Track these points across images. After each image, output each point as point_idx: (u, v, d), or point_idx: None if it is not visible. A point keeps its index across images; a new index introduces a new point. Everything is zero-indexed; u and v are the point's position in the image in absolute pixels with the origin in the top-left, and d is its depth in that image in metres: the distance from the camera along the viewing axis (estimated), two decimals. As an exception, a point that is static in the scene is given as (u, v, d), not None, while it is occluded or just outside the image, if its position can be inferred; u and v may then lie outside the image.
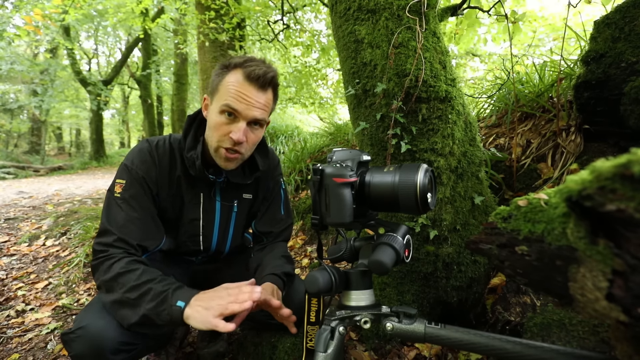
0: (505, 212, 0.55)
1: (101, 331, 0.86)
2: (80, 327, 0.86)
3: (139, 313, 0.83)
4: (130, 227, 0.95)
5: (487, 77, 5.04)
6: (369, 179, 0.70)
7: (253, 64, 0.95)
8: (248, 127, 0.97)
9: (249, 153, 1.04)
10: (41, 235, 3.05)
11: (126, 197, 0.97)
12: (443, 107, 1.17)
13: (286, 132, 4.67)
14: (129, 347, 0.90)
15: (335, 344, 0.68)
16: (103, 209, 0.99)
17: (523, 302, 1.09)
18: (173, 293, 0.84)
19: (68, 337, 0.87)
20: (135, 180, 0.99)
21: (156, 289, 0.85)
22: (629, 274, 0.34)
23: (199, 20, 4.43)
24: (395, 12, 1.18)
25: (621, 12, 1.25)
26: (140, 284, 0.86)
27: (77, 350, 0.85)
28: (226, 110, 0.94)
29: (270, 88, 0.98)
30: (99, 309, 0.91)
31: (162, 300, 0.83)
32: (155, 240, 1.01)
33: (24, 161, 11.37)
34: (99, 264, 0.91)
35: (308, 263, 2.07)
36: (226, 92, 0.94)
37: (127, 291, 0.85)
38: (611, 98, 1.24)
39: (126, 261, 0.89)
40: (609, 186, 0.33)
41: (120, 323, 0.87)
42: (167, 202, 1.05)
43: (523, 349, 0.56)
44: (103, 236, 0.93)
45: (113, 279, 0.87)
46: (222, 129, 0.95)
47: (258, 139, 1.02)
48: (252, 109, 0.94)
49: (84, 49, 14.80)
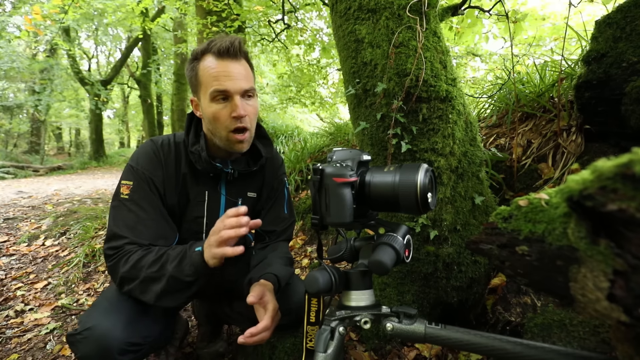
0: (506, 212, 0.55)
1: (108, 332, 0.86)
2: (87, 328, 0.86)
3: (165, 278, 0.86)
4: (140, 229, 0.95)
5: (487, 77, 5.04)
6: (369, 178, 0.69)
7: (217, 41, 0.95)
8: (243, 100, 0.96)
9: (254, 127, 1.04)
10: (40, 235, 3.04)
11: (134, 199, 0.97)
12: (443, 107, 1.17)
13: (286, 132, 4.67)
14: (135, 348, 0.91)
15: (335, 344, 0.67)
16: (110, 212, 0.98)
17: (523, 302, 1.09)
18: (190, 247, 0.88)
19: (74, 338, 0.87)
20: (143, 180, 0.99)
21: (175, 251, 0.89)
22: (630, 274, 0.34)
23: (200, 24, 4.44)
24: (395, 12, 1.18)
25: (622, 11, 1.25)
26: (158, 257, 0.89)
27: (84, 351, 0.85)
28: (217, 96, 0.94)
29: (242, 57, 0.98)
30: (105, 310, 0.91)
31: (182, 256, 0.87)
32: (169, 238, 1.02)
33: (23, 161, 11.36)
34: (115, 264, 0.91)
35: (308, 263, 2.07)
36: (208, 79, 0.94)
37: (148, 267, 0.87)
38: (612, 98, 1.24)
39: (141, 250, 0.92)
40: (610, 186, 0.33)
41: (148, 301, 0.89)
42: (173, 201, 1.05)
43: (523, 349, 0.56)
44: (113, 240, 0.93)
45: (132, 267, 0.89)
46: (222, 115, 0.95)
47: (256, 110, 1.03)
48: (238, 81, 0.94)
49: (83, 49, 14.80)
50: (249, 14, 4.46)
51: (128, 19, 7.37)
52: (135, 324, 0.92)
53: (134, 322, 0.92)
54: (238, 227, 0.81)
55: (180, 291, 0.88)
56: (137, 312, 0.94)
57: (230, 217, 0.83)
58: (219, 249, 0.81)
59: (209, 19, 4.27)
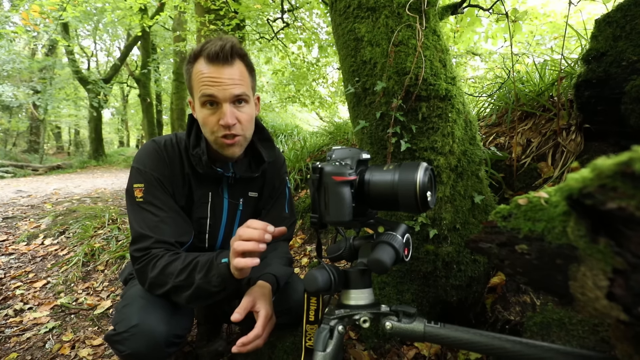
0: (505, 211, 0.55)
1: (155, 327, 0.89)
2: (133, 326, 0.88)
3: (193, 287, 0.86)
4: (163, 227, 0.95)
5: (487, 76, 5.03)
6: (368, 177, 0.69)
7: (209, 44, 0.92)
8: (233, 107, 0.94)
9: (249, 132, 1.02)
10: (40, 234, 3.04)
11: (150, 200, 0.97)
12: (443, 106, 1.17)
13: (286, 131, 4.67)
14: (178, 340, 0.94)
15: (334, 343, 0.67)
16: (130, 216, 0.98)
17: (523, 301, 1.09)
18: (217, 257, 0.87)
19: (120, 336, 0.89)
20: (152, 181, 0.99)
21: (202, 260, 0.88)
22: (629, 272, 0.33)
23: (199, 22, 4.43)
24: (395, 10, 1.18)
25: (622, 10, 1.24)
26: (186, 265, 0.88)
27: (134, 347, 0.88)
28: (206, 101, 0.93)
29: (236, 59, 0.94)
30: (145, 306, 0.93)
31: (209, 267, 0.86)
32: (188, 234, 1.02)
33: (22, 160, 11.35)
34: (143, 267, 0.92)
35: (307, 262, 2.07)
36: (198, 83, 0.93)
37: (177, 276, 0.88)
38: (612, 97, 1.24)
39: (168, 255, 0.92)
40: (610, 184, 0.32)
41: (179, 303, 0.91)
42: (181, 201, 1.05)
43: (523, 348, 0.55)
44: (139, 242, 0.94)
45: (160, 273, 0.89)
46: (210, 121, 0.95)
47: (250, 116, 1.00)
48: (227, 87, 0.91)
49: (82, 47, 14.76)
50: (247, 11, 4.45)
51: (127, 17, 7.35)
52: (174, 318, 0.95)
53: (174, 316, 0.95)
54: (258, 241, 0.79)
55: (208, 298, 0.90)
56: (173, 307, 0.96)
57: (252, 228, 0.81)
58: (235, 261, 0.80)
59: (207, 17, 4.26)
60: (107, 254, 2.53)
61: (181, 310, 1.00)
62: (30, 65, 11.26)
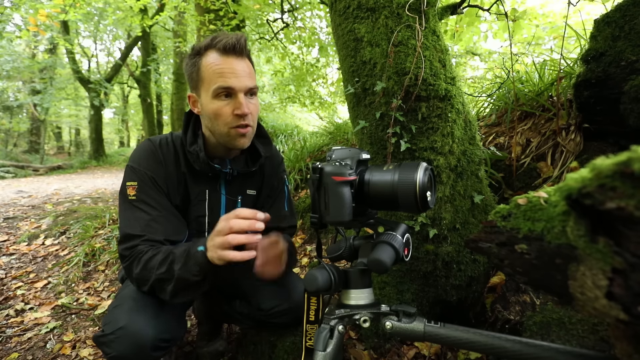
0: (505, 211, 0.55)
1: (141, 330, 0.88)
2: (120, 328, 0.87)
3: (174, 279, 0.86)
4: (154, 226, 0.95)
5: (487, 76, 5.03)
6: (368, 177, 0.69)
7: (222, 37, 0.94)
8: (246, 98, 0.96)
9: (255, 124, 1.04)
10: (40, 235, 3.04)
11: (143, 198, 0.97)
12: (443, 106, 1.17)
13: (286, 131, 4.67)
14: (164, 344, 0.93)
15: (335, 342, 0.67)
16: (120, 214, 0.98)
17: (522, 300, 1.09)
18: (193, 245, 0.87)
19: (106, 338, 0.88)
20: (146, 179, 0.99)
21: (179, 250, 0.88)
22: (628, 272, 0.34)
23: (198, 22, 4.43)
24: (394, 11, 1.18)
25: (621, 10, 1.25)
26: (165, 257, 0.88)
27: (119, 350, 0.87)
28: (221, 92, 0.93)
29: (246, 55, 0.98)
30: (133, 308, 0.92)
31: (187, 256, 0.86)
32: (181, 233, 1.02)
33: (23, 160, 11.35)
34: (129, 264, 0.92)
35: (307, 262, 2.07)
36: (211, 75, 0.93)
37: (157, 269, 0.88)
38: (611, 97, 1.24)
39: (151, 250, 0.92)
40: (609, 184, 0.33)
41: (164, 299, 0.90)
42: (177, 201, 1.05)
43: (522, 347, 0.56)
44: (128, 241, 0.93)
45: (143, 268, 0.89)
46: (224, 112, 0.94)
47: (258, 108, 1.02)
48: (243, 79, 0.94)
49: (83, 48, 14.76)
50: (247, 11, 4.45)
51: (127, 18, 7.35)
52: (162, 321, 0.94)
53: (161, 318, 0.94)
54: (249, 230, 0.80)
55: (191, 289, 0.89)
56: (161, 309, 0.96)
57: (241, 217, 0.81)
58: (224, 253, 0.80)
59: (207, 16, 4.26)
60: (107, 254, 2.53)
61: (171, 313, 0.99)
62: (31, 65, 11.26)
